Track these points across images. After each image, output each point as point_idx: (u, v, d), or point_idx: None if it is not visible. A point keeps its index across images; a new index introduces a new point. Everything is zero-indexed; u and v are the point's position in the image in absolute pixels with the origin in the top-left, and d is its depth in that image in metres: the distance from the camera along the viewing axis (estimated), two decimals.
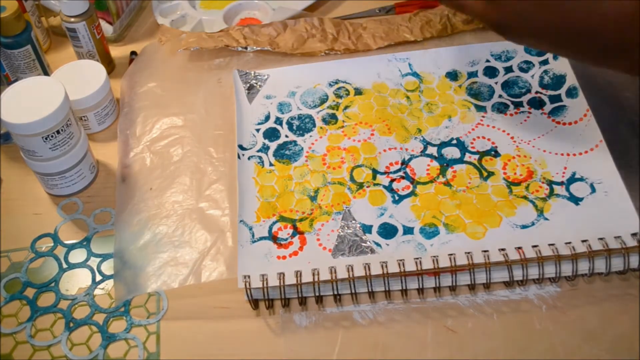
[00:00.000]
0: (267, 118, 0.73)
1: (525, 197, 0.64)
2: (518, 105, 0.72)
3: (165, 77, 0.81)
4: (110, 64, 0.84)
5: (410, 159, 0.68)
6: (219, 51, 0.82)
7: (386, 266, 0.59)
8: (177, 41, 0.82)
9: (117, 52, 0.86)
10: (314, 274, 0.59)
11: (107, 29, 0.86)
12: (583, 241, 0.59)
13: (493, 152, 0.68)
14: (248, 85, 0.76)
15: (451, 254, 0.59)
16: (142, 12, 0.92)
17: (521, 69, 0.75)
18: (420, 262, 0.59)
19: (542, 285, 0.59)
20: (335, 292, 0.59)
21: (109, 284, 0.64)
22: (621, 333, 0.56)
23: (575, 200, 0.63)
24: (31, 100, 0.64)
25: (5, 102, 0.64)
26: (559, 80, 0.73)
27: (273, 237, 0.63)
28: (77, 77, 0.75)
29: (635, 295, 0.58)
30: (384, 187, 0.66)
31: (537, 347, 0.56)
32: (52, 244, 0.67)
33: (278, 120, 0.73)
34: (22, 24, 0.74)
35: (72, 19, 0.77)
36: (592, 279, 0.60)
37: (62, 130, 0.65)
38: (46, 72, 0.79)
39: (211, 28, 0.87)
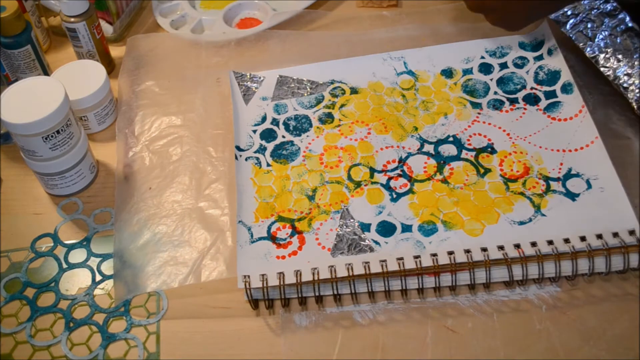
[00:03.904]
0: (264, 119, 0.70)
1: (522, 194, 0.61)
2: (513, 101, 0.69)
3: (163, 75, 0.78)
4: (110, 64, 0.81)
5: (407, 157, 0.65)
6: (218, 49, 0.79)
7: (386, 265, 0.56)
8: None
9: (117, 52, 0.83)
10: (313, 274, 0.56)
11: (107, 29, 0.83)
12: (582, 239, 0.56)
13: (489, 149, 0.65)
14: (244, 87, 0.73)
15: (450, 253, 0.56)
16: (142, 12, 0.89)
17: (516, 65, 0.72)
18: (419, 261, 0.56)
19: (542, 285, 0.57)
20: (335, 292, 0.56)
21: (109, 284, 0.61)
22: (621, 333, 0.54)
23: (572, 196, 0.60)
24: (31, 100, 0.61)
25: (5, 102, 0.61)
26: (554, 76, 0.69)
27: (272, 237, 0.60)
28: (77, 77, 0.72)
29: (635, 295, 0.56)
30: (382, 185, 0.63)
31: (537, 347, 0.53)
32: (52, 244, 0.64)
33: (274, 121, 0.70)
34: (22, 24, 0.71)
35: (72, 19, 0.74)
36: (592, 278, 0.57)
37: (62, 130, 0.62)
38: (46, 72, 0.76)
39: (211, 28, 0.85)
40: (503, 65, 0.72)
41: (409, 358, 0.53)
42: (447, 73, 0.73)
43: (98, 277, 0.61)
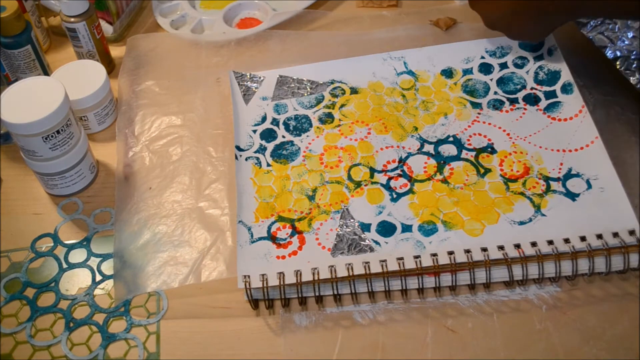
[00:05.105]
0: (264, 119, 0.70)
1: (522, 194, 0.61)
2: (513, 101, 0.69)
3: (163, 75, 0.78)
4: (110, 64, 0.80)
5: (407, 157, 0.65)
6: (218, 49, 0.79)
7: (386, 265, 0.56)
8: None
9: (117, 52, 0.83)
10: (313, 274, 0.56)
11: (107, 29, 0.83)
12: (582, 239, 0.56)
13: (489, 149, 0.65)
14: (244, 86, 0.73)
15: (450, 253, 0.56)
16: (142, 12, 0.89)
17: (516, 65, 0.71)
18: (419, 261, 0.56)
19: (542, 285, 0.57)
20: (335, 292, 0.56)
21: (109, 284, 0.60)
22: (621, 333, 0.53)
23: (572, 196, 0.60)
24: (31, 100, 0.61)
25: (5, 102, 0.61)
26: (554, 76, 0.69)
27: (272, 237, 0.60)
28: (77, 77, 0.72)
29: (635, 295, 0.56)
30: (382, 185, 0.63)
31: (537, 347, 0.53)
32: (52, 244, 0.64)
33: (275, 121, 0.69)
34: (22, 24, 0.71)
35: (72, 19, 0.74)
36: (592, 278, 0.57)
37: (62, 130, 0.62)
38: (46, 72, 0.76)
39: (211, 28, 0.85)
40: (503, 65, 0.72)
41: (409, 358, 0.53)
42: (447, 73, 0.73)
43: (98, 277, 0.61)
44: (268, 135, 0.68)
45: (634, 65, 0.64)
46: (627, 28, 0.64)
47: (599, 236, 0.56)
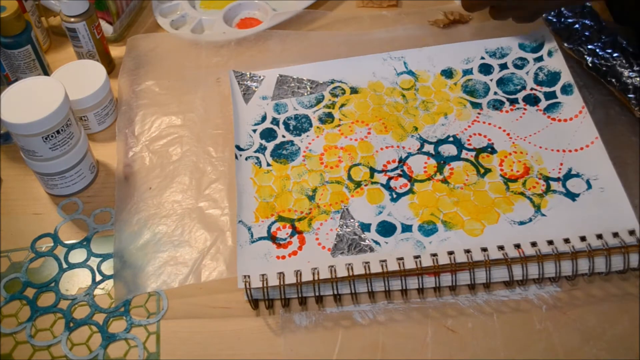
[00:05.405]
0: (264, 119, 0.70)
1: (522, 194, 0.61)
2: (513, 102, 0.69)
3: (163, 75, 0.78)
4: (110, 64, 0.80)
5: (407, 157, 0.65)
6: (218, 49, 0.79)
7: (386, 265, 0.56)
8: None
9: (117, 52, 0.83)
10: (313, 274, 0.56)
11: (107, 29, 0.83)
12: (582, 239, 0.56)
13: (489, 149, 0.65)
14: (244, 86, 0.73)
15: (450, 253, 0.56)
16: (142, 12, 0.89)
17: (516, 66, 0.71)
18: (419, 261, 0.56)
19: (542, 285, 0.57)
20: (335, 292, 0.56)
21: (109, 284, 0.60)
22: (621, 333, 0.54)
23: (572, 196, 0.60)
24: (31, 100, 0.61)
25: (5, 102, 0.61)
26: (554, 77, 0.69)
27: (272, 237, 0.60)
28: (77, 77, 0.72)
29: (635, 295, 0.56)
30: (382, 185, 0.63)
31: (537, 347, 0.53)
32: (52, 244, 0.64)
33: (275, 121, 0.69)
34: (22, 24, 0.71)
35: (72, 19, 0.74)
36: (592, 278, 0.57)
37: (62, 130, 0.62)
38: (46, 72, 0.76)
39: (211, 28, 0.85)
40: (503, 66, 0.72)
41: (409, 358, 0.53)
42: (447, 73, 0.73)
43: (98, 277, 0.61)
44: (268, 134, 0.68)
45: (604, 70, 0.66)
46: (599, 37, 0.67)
47: (599, 236, 0.56)
